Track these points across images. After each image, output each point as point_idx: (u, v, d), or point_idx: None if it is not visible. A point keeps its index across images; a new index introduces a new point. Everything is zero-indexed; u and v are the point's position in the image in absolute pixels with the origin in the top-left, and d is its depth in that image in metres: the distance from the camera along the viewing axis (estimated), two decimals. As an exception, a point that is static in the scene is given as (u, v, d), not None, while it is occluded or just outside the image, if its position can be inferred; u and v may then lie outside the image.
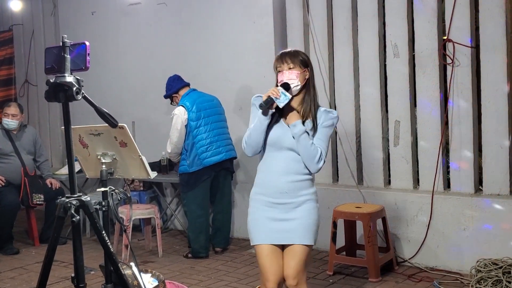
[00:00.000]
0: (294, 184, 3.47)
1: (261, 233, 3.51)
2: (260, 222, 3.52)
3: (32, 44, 9.04)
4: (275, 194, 3.49)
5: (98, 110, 2.70)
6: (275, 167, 3.50)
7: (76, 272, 2.69)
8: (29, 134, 7.05)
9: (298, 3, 6.26)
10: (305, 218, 3.49)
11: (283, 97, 3.39)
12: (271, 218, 3.49)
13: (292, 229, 3.47)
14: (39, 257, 6.30)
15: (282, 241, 3.50)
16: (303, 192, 3.50)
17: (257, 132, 3.48)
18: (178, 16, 7.15)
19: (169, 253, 6.43)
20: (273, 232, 3.48)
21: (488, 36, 5.17)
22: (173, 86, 6.24)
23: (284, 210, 3.48)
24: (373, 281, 5.21)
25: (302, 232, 3.47)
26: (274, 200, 3.49)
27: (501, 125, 5.17)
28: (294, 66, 3.48)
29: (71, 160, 2.67)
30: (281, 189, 3.47)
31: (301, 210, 3.49)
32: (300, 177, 3.49)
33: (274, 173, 3.50)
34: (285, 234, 3.48)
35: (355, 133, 6.03)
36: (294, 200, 3.48)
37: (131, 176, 4.19)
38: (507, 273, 4.70)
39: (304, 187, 3.51)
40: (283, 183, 3.47)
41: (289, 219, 3.48)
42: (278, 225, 3.48)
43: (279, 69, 3.52)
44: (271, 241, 3.50)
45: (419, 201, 5.54)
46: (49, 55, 2.66)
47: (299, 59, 3.51)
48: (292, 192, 3.47)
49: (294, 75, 3.46)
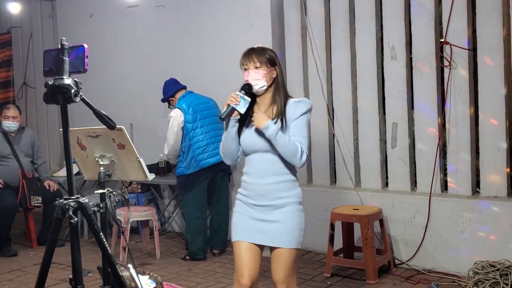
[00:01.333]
0: (272, 186, 3.37)
1: (242, 230, 3.44)
2: (242, 220, 3.45)
3: (31, 46, 9.04)
4: (255, 196, 3.41)
5: (96, 112, 2.71)
6: (253, 169, 3.43)
7: (74, 274, 2.69)
8: (27, 136, 7.05)
9: (296, 5, 6.27)
10: (286, 221, 3.39)
11: (243, 101, 3.29)
12: (253, 217, 3.41)
13: (273, 231, 3.38)
14: (37, 259, 6.31)
15: (261, 242, 3.42)
16: (283, 194, 3.40)
17: (227, 142, 3.41)
18: (176, 19, 7.16)
19: (167, 255, 6.43)
20: (254, 231, 3.40)
21: (485, 39, 5.18)
22: (169, 90, 6.26)
23: (264, 212, 3.39)
24: (370, 283, 5.22)
25: (284, 235, 3.38)
26: (255, 202, 3.41)
27: (498, 127, 5.18)
28: (261, 65, 3.36)
29: (69, 162, 2.67)
30: (259, 191, 3.39)
31: (282, 213, 3.39)
32: (279, 178, 3.39)
33: (253, 176, 3.43)
34: (265, 235, 3.39)
35: (353, 135, 6.04)
36: (274, 203, 3.38)
37: (129, 178, 4.20)
38: (505, 275, 4.71)
39: (284, 188, 3.40)
40: (261, 185, 3.39)
41: (270, 220, 3.38)
42: (259, 225, 3.40)
43: (245, 67, 3.41)
44: (251, 239, 3.41)
45: (417, 203, 5.55)
46: (47, 57, 2.67)
47: (266, 57, 3.38)
48: (271, 194, 3.37)
49: (261, 75, 3.35)
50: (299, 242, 3.45)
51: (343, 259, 5.59)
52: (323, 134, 6.21)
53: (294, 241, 3.41)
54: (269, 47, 3.51)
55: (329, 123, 6.16)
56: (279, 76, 3.42)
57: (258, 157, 3.40)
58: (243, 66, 3.42)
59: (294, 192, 3.45)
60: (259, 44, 3.50)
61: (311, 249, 6.25)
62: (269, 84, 3.39)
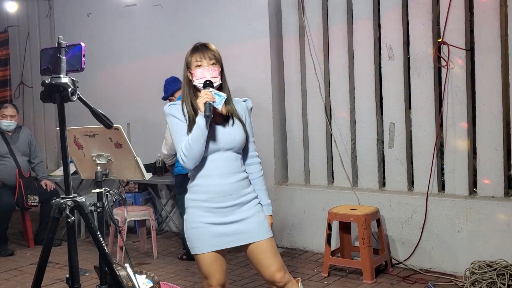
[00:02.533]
0: (236, 184, 3.30)
1: (202, 241, 3.29)
2: (200, 230, 3.29)
3: (28, 45, 9.03)
4: (217, 198, 3.27)
5: (93, 111, 2.70)
6: (214, 170, 3.28)
7: (71, 273, 2.68)
8: (24, 135, 7.05)
9: (294, 5, 6.27)
10: (256, 215, 3.33)
11: (218, 98, 3.19)
12: (213, 223, 3.27)
13: (245, 229, 3.28)
14: (34, 258, 6.30)
15: (235, 244, 3.31)
16: (245, 191, 3.34)
17: (199, 143, 3.19)
18: (173, 18, 7.16)
19: (164, 255, 6.43)
20: (219, 236, 3.28)
21: (483, 39, 5.19)
22: (168, 89, 6.23)
23: (228, 213, 3.28)
24: (367, 283, 5.22)
25: (259, 228, 3.32)
26: (217, 205, 3.27)
27: (496, 127, 5.19)
28: (216, 62, 3.31)
29: (66, 161, 2.67)
30: (224, 192, 3.27)
31: (249, 208, 3.32)
32: (240, 176, 3.33)
33: (214, 177, 3.27)
34: (238, 235, 3.29)
35: (350, 135, 6.04)
36: (238, 201, 3.29)
37: (126, 178, 4.19)
38: (502, 275, 4.71)
39: (245, 186, 3.34)
40: (226, 185, 3.27)
41: (237, 220, 3.28)
42: (224, 229, 3.27)
43: (198, 63, 3.29)
44: (218, 246, 3.29)
45: (414, 203, 5.55)
46: (44, 56, 2.66)
47: (217, 55, 3.34)
48: (236, 193, 3.29)
49: (217, 72, 3.29)
50: (271, 230, 3.42)
51: (340, 259, 5.60)
52: (321, 134, 6.22)
53: (269, 230, 3.38)
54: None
55: (326, 123, 6.16)
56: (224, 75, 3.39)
57: (219, 156, 3.29)
58: (194, 63, 3.32)
59: (251, 188, 3.41)
60: (202, 42, 3.44)
61: (308, 249, 6.25)
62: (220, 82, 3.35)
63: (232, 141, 3.30)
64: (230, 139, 3.29)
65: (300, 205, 6.30)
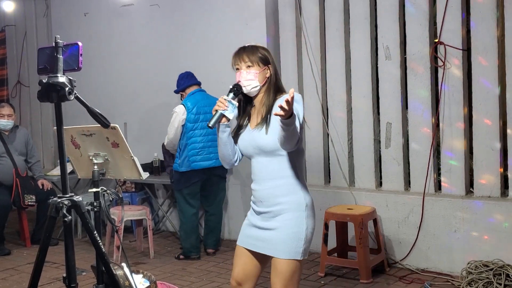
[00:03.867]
0: (267, 191, 3.21)
1: (242, 235, 3.38)
2: (245, 225, 3.38)
3: (25, 45, 9.03)
4: (257, 202, 3.28)
5: (91, 110, 2.71)
6: (254, 175, 3.30)
7: (68, 272, 2.69)
8: (21, 135, 7.04)
9: (291, 5, 6.27)
10: (281, 230, 3.17)
11: (231, 106, 3.14)
12: (253, 224, 3.31)
13: (268, 239, 3.21)
14: (31, 258, 6.29)
15: (255, 249, 3.29)
16: (280, 200, 3.19)
17: (220, 147, 3.28)
18: (170, 18, 7.15)
19: (161, 255, 6.43)
20: (250, 238, 3.31)
21: (480, 39, 5.20)
22: (181, 84, 6.20)
23: (264, 219, 3.25)
24: (364, 282, 5.22)
25: (279, 244, 3.17)
26: (257, 209, 3.29)
27: (492, 128, 5.20)
28: (252, 65, 3.22)
29: (63, 160, 2.67)
30: (258, 198, 3.26)
31: (279, 220, 3.18)
32: (274, 183, 3.20)
33: (255, 181, 3.30)
34: (261, 243, 3.25)
35: (347, 135, 6.05)
36: (271, 209, 3.20)
37: (123, 177, 4.19)
38: (498, 275, 4.73)
39: (282, 194, 3.19)
40: (258, 191, 3.26)
41: (267, 228, 3.22)
42: (256, 232, 3.27)
43: (236, 67, 3.28)
44: (246, 245, 3.33)
45: (410, 203, 5.56)
46: (42, 55, 2.66)
47: (258, 56, 3.24)
48: (267, 200, 3.21)
49: (252, 75, 3.21)
50: (298, 252, 3.17)
51: (337, 259, 5.60)
52: (317, 133, 6.22)
53: (291, 251, 3.15)
54: (262, 45, 3.39)
55: (323, 122, 6.16)
56: (273, 75, 3.26)
57: (256, 162, 3.26)
58: (234, 66, 3.30)
59: (293, 198, 3.20)
60: (251, 43, 3.36)
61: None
62: (262, 84, 3.24)
63: (258, 147, 3.21)
64: (256, 144, 3.21)
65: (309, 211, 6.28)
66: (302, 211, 3.21)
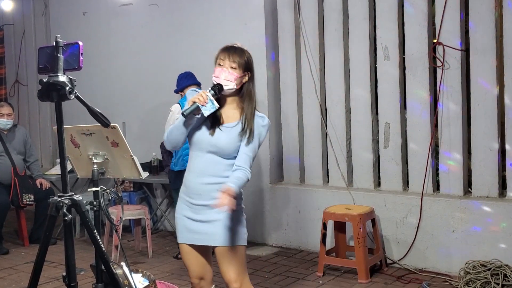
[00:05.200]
0: (209, 186, 3.29)
1: (180, 232, 3.43)
2: (180, 221, 3.42)
3: (23, 44, 9.01)
4: (192, 194, 3.35)
5: (91, 109, 2.71)
6: (194, 167, 3.36)
7: (68, 271, 2.69)
8: (20, 134, 7.03)
9: (290, 5, 6.28)
10: (224, 220, 3.29)
11: (210, 105, 3.15)
12: (189, 218, 3.37)
13: (211, 231, 3.31)
14: (29, 257, 6.29)
15: (199, 242, 3.37)
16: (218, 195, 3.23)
17: (178, 132, 3.32)
18: (169, 17, 7.15)
19: (159, 254, 6.43)
20: (190, 232, 3.37)
21: (478, 39, 5.21)
22: (180, 84, 6.19)
23: (198, 212, 3.33)
24: (362, 282, 5.23)
25: (223, 233, 3.30)
26: (191, 201, 3.35)
27: (490, 128, 5.21)
28: (236, 68, 3.28)
29: (63, 159, 2.67)
30: (196, 190, 3.33)
31: (219, 212, 3.25)
32: (217, 180, 3.29)
33: (193, 173, 3.36)
34: (204, 235, 3.33)
35: (346, 135, 6.06)
36: (208, 203, 3.27)
37: (122, 176, 4.19)
38: (496, 275, 4.73)
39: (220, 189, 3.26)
40: (198, 184, 3.32)
41: (207, 220, 3.31)
42: (196, 226, 3.34)
43: (220, 62, 3.29)
44: (188, 240, 3.39)
45: (409, 203, 5.57)
46: (42, 54, 2.67)
47: (244, 60, 3.31)
48: (207, 194, 3.29)
49: (233, 77, 3.27)
50: (244, 238, 3.39)
51: (335, 258, 5.61)
52: (316, 133, 6.23)
53: (238, 238, 3.35)
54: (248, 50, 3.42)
55: (322, 122, 6.17)
56: (250, 82, 3.35)
57: (202, 156, 3.33)
58: (218, 60, 3.32)
59: None
60: (239, 44, 3.41)
61: (303, 248, 6.26)
62: (238, 87, 3.32)
63: (217, 145, 3.29)
64: (215, 142, 3.29)
65: (295, 204, 6.31)
66: (240, 199, 3.38)
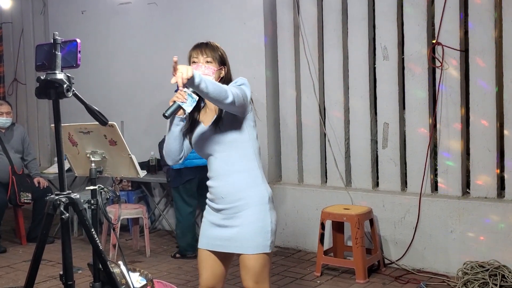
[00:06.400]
0: (229, 186, 3.16)
1: (203, 237, 3.29)
2: (205, 226, 3.30)
3: (22, 42, 8.99)
4: (216, 200, 3.22)
5: (89, 107, 2.70)
6: (212, 171, 3.23)
7: (65, 270, 2.68)
8: (18, 132, 7.02)
9: (289, 4, 6.27)
10: (247, 225, 3.14)
11: (190, 100, 3.00)
12: (214, 223, 3.24)
13: (234, 237, 3.16)
14: (26, 256, 6.28)
15: (221, 249, 3.23)
16: (243, 194, 3.15)
17: (169, 141, 3.17)
18: (168, 16, 7.15)
19: (157, 253, 6.42)
20: (214, 238, 3.23)
21: (477, 40, 5.20)
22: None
23: (226, 216, 3.19)
24: (360, 282, 5.23)
25: (246, 240, 3.14)
26: (217, 206, 3.22)
27: (489, 129, 5.20)
28: (212, 61, 3.20)
29: (61, 157, 2.66)
30: (218, 194, 3.20)
31: (243, 216, 3.15)
32: (235, 177, 3.17)
33: (213, 178, 3.23)
34: (226, 242, 3.19)
35: (344, 135, 6.05)
36: (233, 205, 3.16)
37: (120, 175, 4.19)
38: (494, 275, 4.73)
39: (243, 187, 3.16)
40: (218, 188, 3.19)
41: (231, 226, 3.17)
42: (220, 232, 3.21)
43: (194, 60, 3.22)
44: (210, 247, 3.26)
45: (407, 203, 5.57)
46: (40, 52, 2.65)
47: (218, 53, 3.24)
48: (229, 196, 3.16)
49: (211, 70, 3.17)
50: (266, 245, 3.16)
51: (333, 258, 5.61)
52: (315, 133, 6.22)
53: (260, 245, 3.15)
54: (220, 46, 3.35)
55: (320, 122, 6.17)
56: (228, 75, 3.28)
57: (213, 159, 3.20)
58: (192, 59, 3.24)
59: (255, 191, 3.19)
60: (211, 41, 3.34)
61: (301, 248, 6.26)
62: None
63: (215, 142, 3.18)
64: (213, 139, 3.18)
65: (293, 204, 6.30)
66: (266, 204, 3.19)
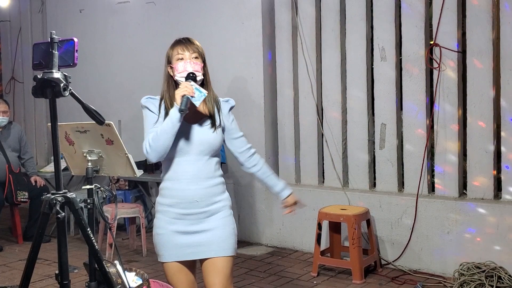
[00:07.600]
0: (205, 190, 3.11)
1: (168, 249, 3.16)
2: (167, 238, 3.16)
3: (19, 41, 8.99)
4: (185, 204, 3.10)
5: (85, 106, 2.69)
6: (183, 174, 3.11)
7: (60, 269, 2.67)
8: (15, 131, 7.02)
9: (287, 5, 6.27)
10: (221, 228, 3.14)
11: (198, 94, 2.97)
12: (180, 232, 3.13)
13: (207, 241, 3.12)
14: (23, 254, 6.28)
15: (194, 256, 3.16)
16: (216, 198, 3.15)
17: (167, 136, 3.00)
18: (166, 16, 7.14)
19: (153, 253, 6.29)
20: (182, 247, 3.13)
21: (475, 41, 5.21)
22: None
23: (195, 221, 3.11)
24: (356, 283, 5.23)
25: (221, 243, 3.13)
26: (184, 211, 3.11)
27: (486, 130, 5.21)
28: (198, 57, 3.11)
29: (57, 156, 2.65)
30: (191, 198, 3.09)
31: (216, 220, 3.13)
32: (212, 182, 3.13)
33: (182, 181, 3.11)
34: (199, 248, 3.13)
35: (341, 136, 6.05)
36: (207, 209, 3.12)
37: (117, 174, 4.17)
38: (490, 277, 4.74)
39: (217, 192, 3.15)
40: (193, 190, 3.09)
41: (202, 230, 3.12)
42: (189, 239, 3.12)
43: (180, 56, 3.10)
44: (179, 257, 3.16)
45: (404, 204, 5.57)
46: (37, 50, 2.64)
47: (201, 50, 3.14)
48: (204, 200, 3.10)
49: (199, 66, 3.09)
50: (235, 248, 3.21)
51: (329, 259, 5.61)
52: (312, 133, 6.22)
53: (231, 248, 3.17)
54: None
55: (318, 123, 6.17)
56: (207, 74, 3.19)
57: (190, 159, 3.10)
58: (177, 56, 3.12)
59: (225, 196, 3.21)
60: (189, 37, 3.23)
61: (298, 248, 6.26)
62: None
63: (205, 143, 3.11)
64: (202, 140, 3.11)
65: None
66: (231, 209, 3.26)
